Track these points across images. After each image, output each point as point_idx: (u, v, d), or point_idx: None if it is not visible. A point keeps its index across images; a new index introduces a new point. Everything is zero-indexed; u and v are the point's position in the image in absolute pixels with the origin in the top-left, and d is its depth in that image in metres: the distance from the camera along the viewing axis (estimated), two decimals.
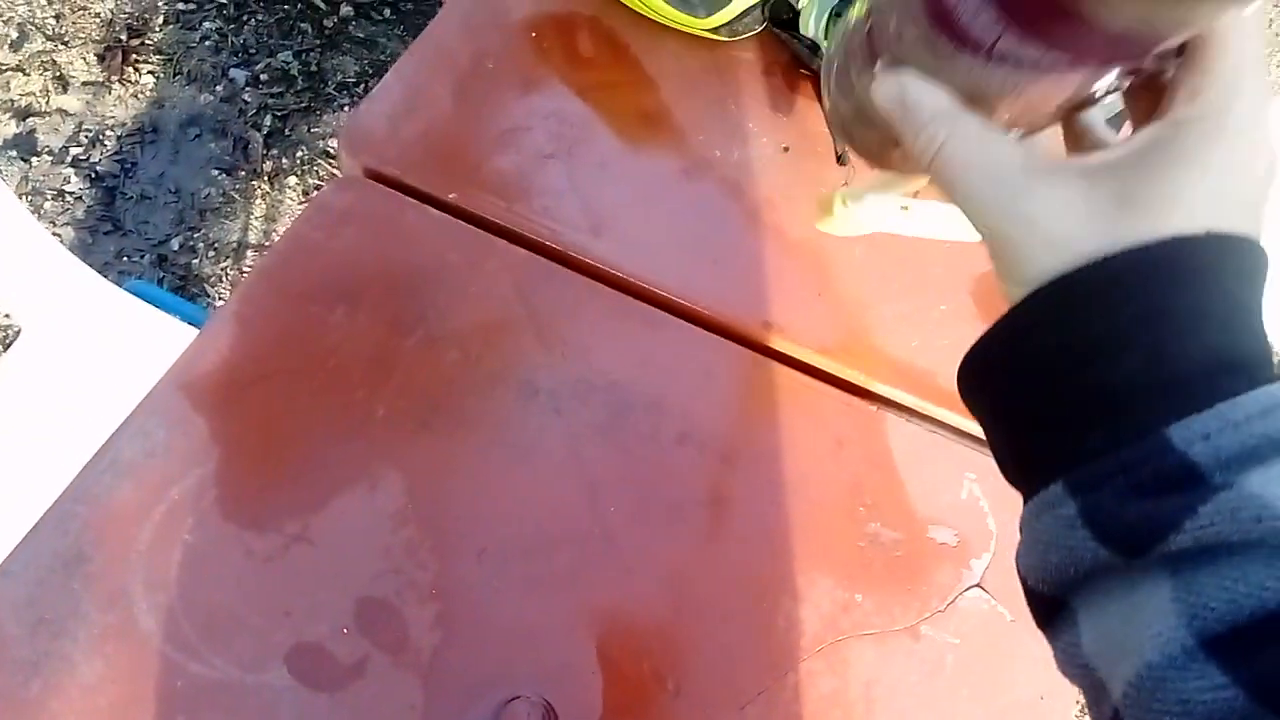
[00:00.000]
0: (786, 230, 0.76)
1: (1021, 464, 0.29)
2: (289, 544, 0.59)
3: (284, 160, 1.60)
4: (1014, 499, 0.65)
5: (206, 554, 0.58)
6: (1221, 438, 0.23)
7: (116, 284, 1.00)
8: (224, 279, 1.48)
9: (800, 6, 0.80)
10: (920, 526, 0.66)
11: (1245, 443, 0.23)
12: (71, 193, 1.51)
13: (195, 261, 1.48)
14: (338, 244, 0.71)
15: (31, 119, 1.56)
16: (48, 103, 1.57)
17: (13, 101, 1.57)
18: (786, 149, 0.80)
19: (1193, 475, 0.23)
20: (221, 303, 1.41)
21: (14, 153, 1.53)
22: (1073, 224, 0.26)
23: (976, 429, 0.69)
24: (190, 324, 0.97)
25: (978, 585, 0.64)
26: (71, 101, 1.58)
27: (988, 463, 0.68)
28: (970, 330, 0.74)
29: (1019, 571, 0.29)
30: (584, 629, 0.60)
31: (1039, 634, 0.55)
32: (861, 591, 0.63)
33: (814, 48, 0.81)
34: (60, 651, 0.54)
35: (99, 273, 1.02)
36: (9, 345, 1.15)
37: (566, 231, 0.74)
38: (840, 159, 0.79)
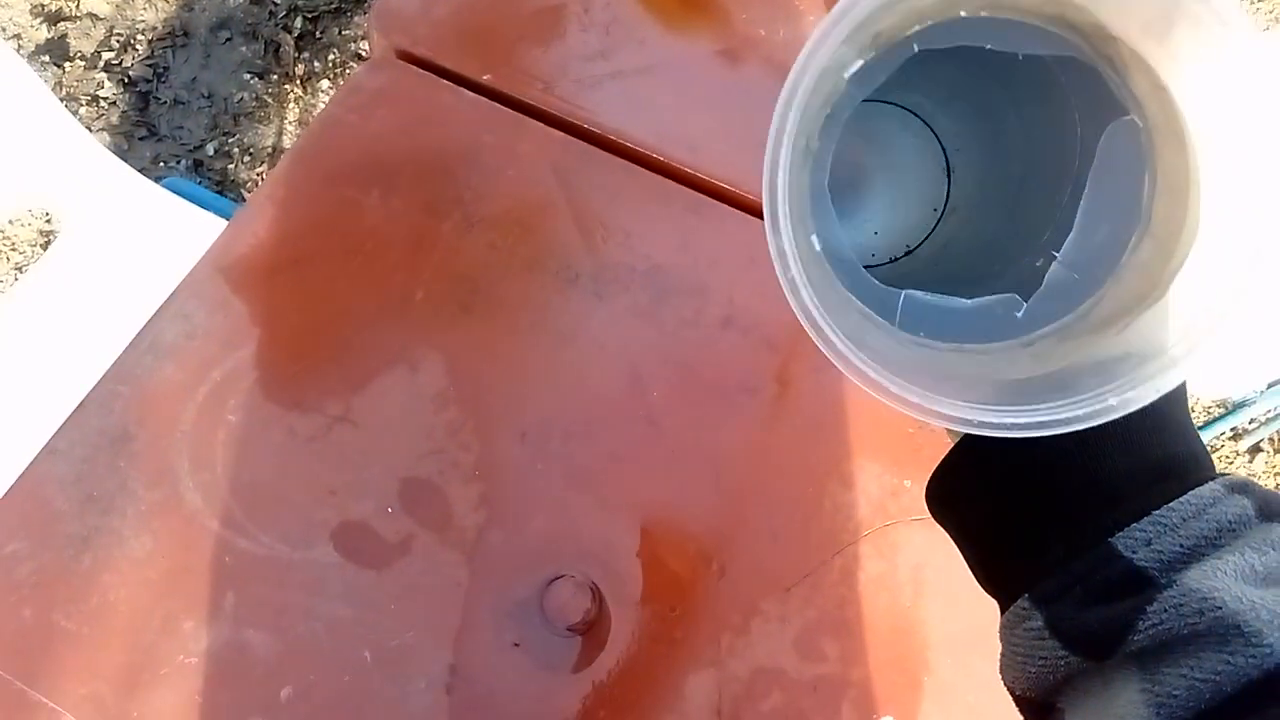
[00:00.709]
0: None
1: (991, 578, 0.32)
2: (331, 425, 0.59)
3: (315, 63, 1.57)
4: None
5: (250, 434, 0.58)
6: (1161, 542, 0.26)
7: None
8: (260, 183, 1.47)
9: None
10: None
11: (1183, 544, 0.25)
12: (105, 98, 1.50)
13: (231, 166, 1.47)
14: (371, 126, 0.69)
15: (63, 23, 1.54)
16: (78, 7, 1.55)
17: (44, 6, 1.55)
18: None
19: (1140, 578, 0.25)
20: None
21: (46, 58, 1.51)
22: None
23: None
24: (227, 219, 0.97)
25: None
26: (101, 5, 1.55)
27: None
28: None
29: (1004, 683, 0.31)
30: (628, 511, 0.59)
31: None
32: (911, 477, 0.62)
33: None
34: (109, 527, 0.54)
35: None
36: (49, 245, 1.15)
37: (605, 113, 0.71)
38: None
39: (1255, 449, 1.31)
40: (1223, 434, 1.26)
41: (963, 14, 0.32)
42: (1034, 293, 0.34)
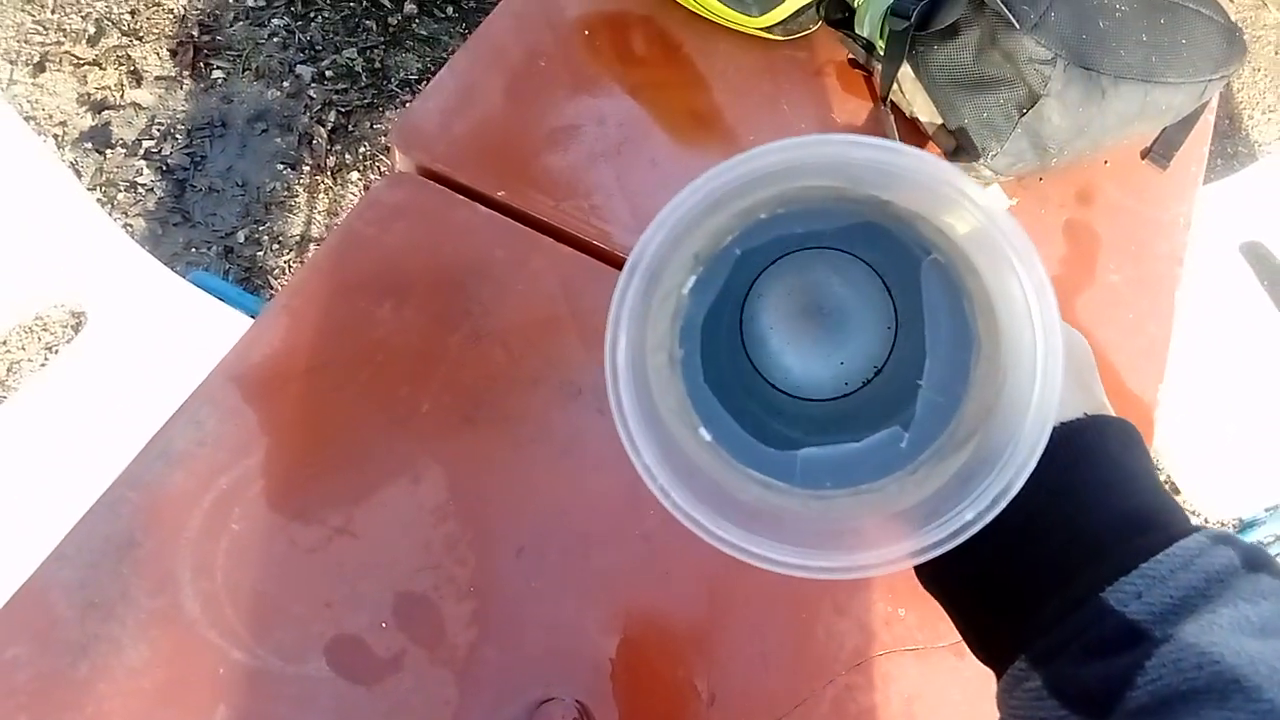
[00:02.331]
0: None
1: (986, 644, 0.31)
2: (332, 536, 0.60)
3: (347, 155, 1.62)
4: None
5: (252, 543, 0.59)
6: (1152, 594, 0.26)
7: (183, 275, 1.02)
8: (287, 271, 1.51)
9: (855, 5, 0.78)
10: None
11: (1174, 595, 0.25)
12: (143, 184, 1.55)
13: (260, 254, 1.51)
14: (388, 239, 0.72)
15: (107, 112, 1.61)
16: (122, 96, 1.62)
17: (90, 95, 1.62)
18: None
19: (1135, 633, 0.25)
20: None
21: (90, 144, 1.58)
22: None
23: None
24: (251, 315, 0.99)
25: None
26: (145, 95, 1.62)
27: None
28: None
29: None
30: (620, 631, 0.60)
31: None
32: (905, 606, 0.62)
33: (869, 47, 0.79)
34: (108, 635, 0.55)
35: (168, 263, 1.04)
36: (79, 326, 1.18)
37: (614, 231, 0.74)
38: None
39: None
40: None
41: (763, 216, 0.35)
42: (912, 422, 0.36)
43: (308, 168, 1.60)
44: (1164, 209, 0.83)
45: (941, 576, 0.33)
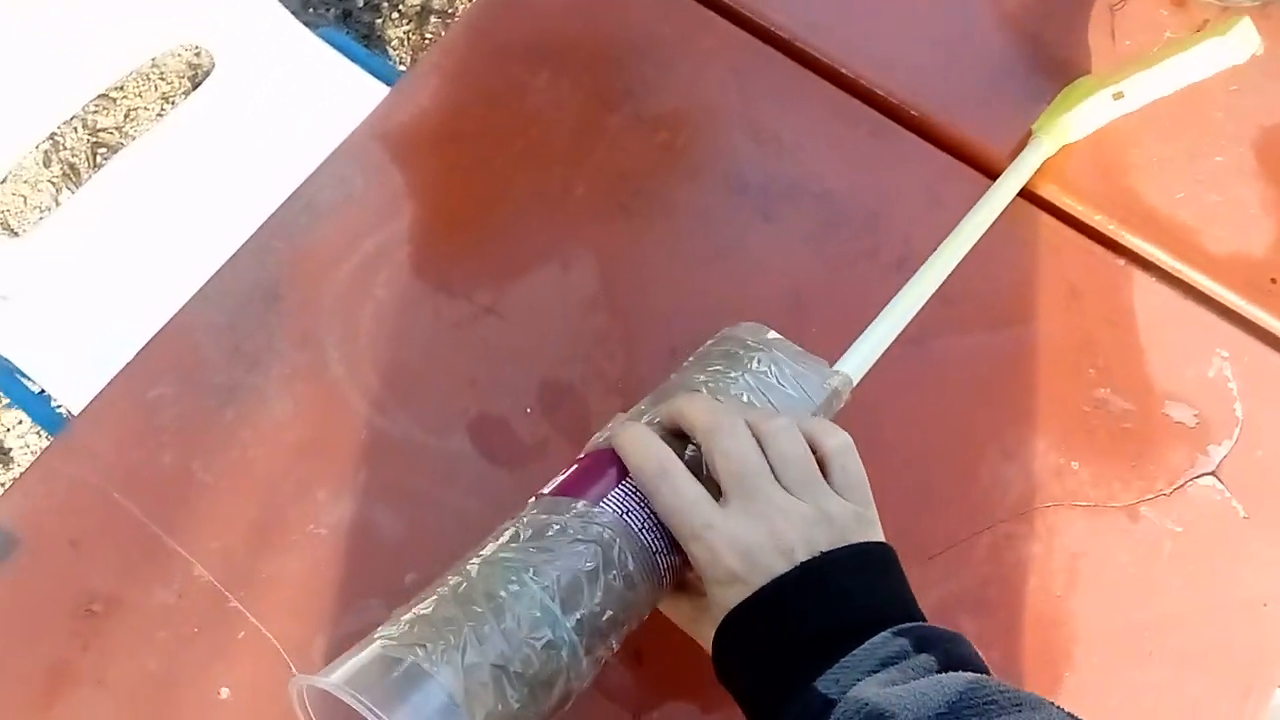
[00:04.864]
0: (1044, 40, 0.66)
1: (749, 713, 0.40)
2: (478, 313, 0.57)
3: None
4: (1268, 385, 0.56)
5: (397, 310, 0.56)
6: (845, 676, 0.36)
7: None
8: (405, 43, 1.44)
9: None
10: (1155, 400, 0.59)
11: (857, 675, 0.36)
12: None
13: (379, 21, 1.44)
14: (545, 3, 0.65)
15: None
16: None
17: None
18: None
19: (827, 702, 0.35)
20: (403, 66, 1.37)
21: None
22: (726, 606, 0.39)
23: (1236, 301, 0.61)
24: (379, 78, 0.94)
25: (1212, 474, 0.57)
26: None
27: (1244, 341, 0.60)
28: (1247, 190, 0.64)
29: None
30: None
31: (1273, 536, 0.56)
32: (1079, 459, 0.57)
33: None
34: (253, 384, 0.54)
35: None
36: (198, 83, 1.15)
37: (794, 18, 0.66)
38: None
39: None
40: None
41: None
42: None
43: None
44: None
45: (725, 678, 0.40)
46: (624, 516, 0.39)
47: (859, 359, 0.53)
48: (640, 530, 0.40)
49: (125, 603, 0.49)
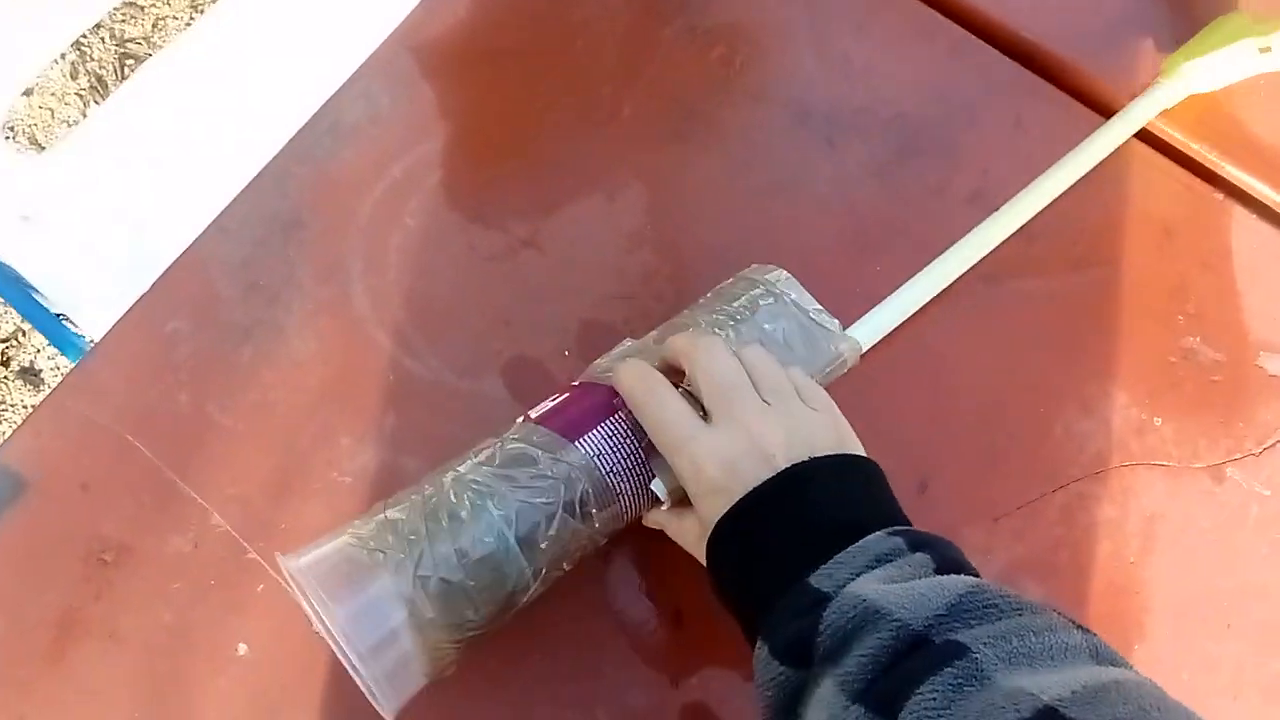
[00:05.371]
0: None
1: (749, 638, 0.38)
2: (515, 247, 0.53)
3: None
4: None
5: (427, 241, 0.52)
6: (838, 571, 0.35)
7: None
8: None
9: None
10: (1249, 350, 0.54)
11: (851, 570, 0.35)
12: None
13: None
14: None
15: None
16: None
17: None
18: None
19: (820, 597, 0.34)
20: None
21: None
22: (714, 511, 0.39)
23: None
24: None
25: None
26: None
27: None
28: None
29: None
30: None
31: None
32: (1163, 415, 0.53)
33: None
34: (273, 320, 0.50)
35: None
36: None
37: None
38: None
39: None
40: None
41: None
42: None
43: None
44: None
45: (718, 576, 0.39)
46: (595, 459, 0.41)
47: (873, 326, 0.50)
48: (607, 473, 0.41)
49: (138, 551, 0.46)
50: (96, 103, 1.33)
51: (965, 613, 0.32)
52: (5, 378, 1.27)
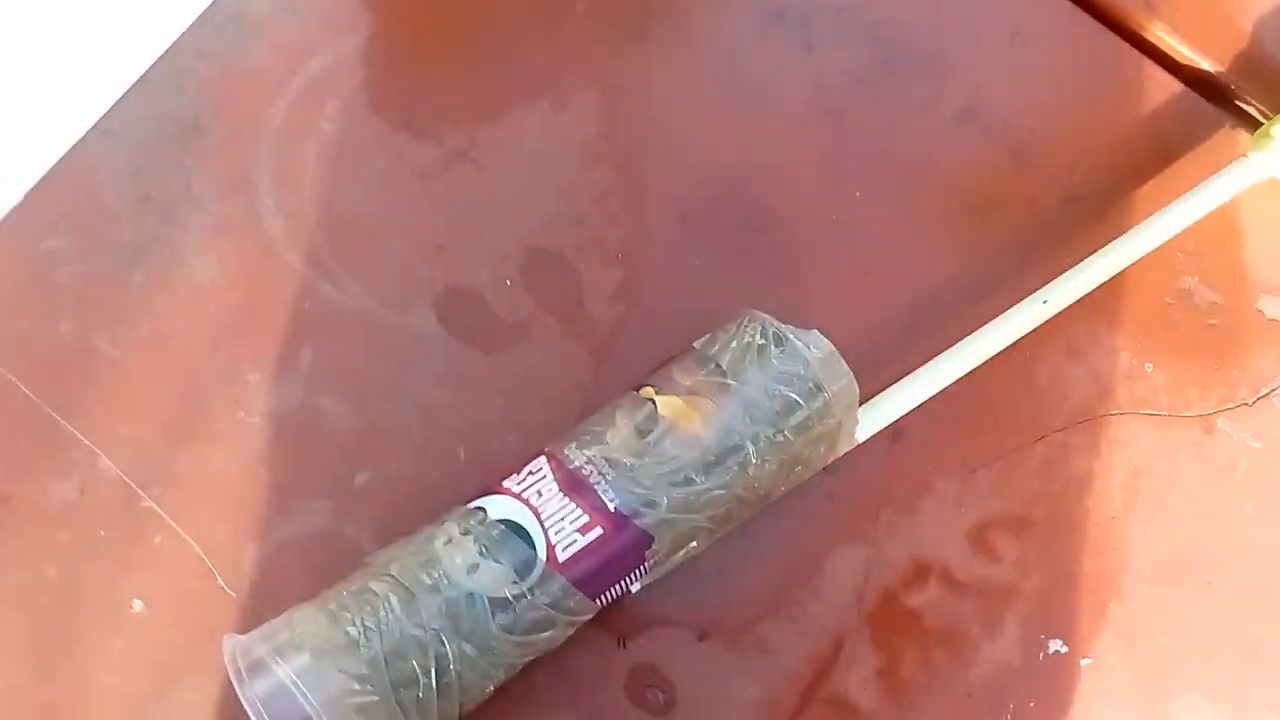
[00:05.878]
0: None
1: None
2: (449, 160, 0.47)
3: None
4: None
5: (348, 151, 0.46)
6: None
7: None
8: None
9: None
10: (1249, 292, 0.50)
11: None
12: None
13: None
14: None
15: None
16: None
17: None
18: None
19: None
20: None
21: None
22: None
23: None
24: None
25: None
26: None
27: None
28: None
29: None
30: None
31: None
32: (1155, 361, 0.49)
33: None
34: (168, 238, 0.44)
35: None
36: None
37: None
38: None
39: None
40: None
41: None
42: None
43: None
44: None
45: None
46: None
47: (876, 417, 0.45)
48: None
49: (15, 499, 0.41)
50: None
51: None
52: None
